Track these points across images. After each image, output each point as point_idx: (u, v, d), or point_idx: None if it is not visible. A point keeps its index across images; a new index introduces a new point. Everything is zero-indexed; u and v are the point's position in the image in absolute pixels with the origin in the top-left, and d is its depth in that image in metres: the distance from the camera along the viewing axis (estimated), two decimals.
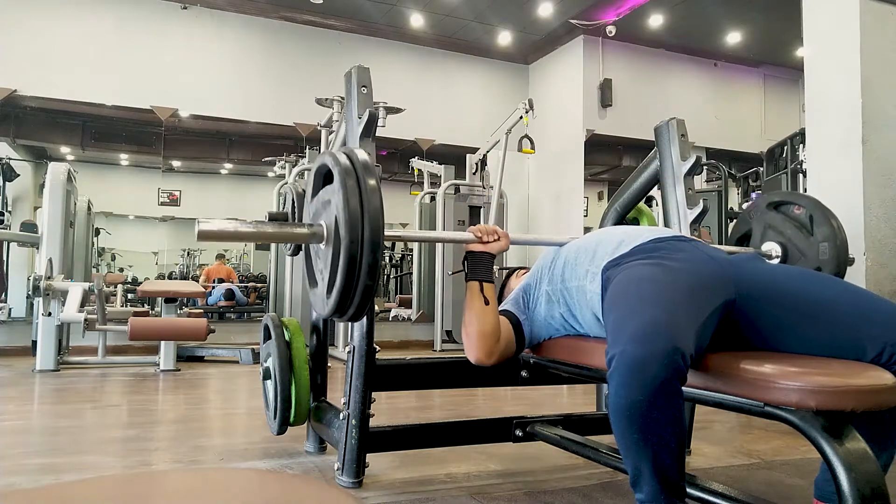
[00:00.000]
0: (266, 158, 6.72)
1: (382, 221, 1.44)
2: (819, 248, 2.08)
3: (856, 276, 2.71)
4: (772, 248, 2.20)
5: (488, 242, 1.66)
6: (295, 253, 2.35)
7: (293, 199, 2.30)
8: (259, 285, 8.06)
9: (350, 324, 1.89)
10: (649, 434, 1.11)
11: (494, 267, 1.74)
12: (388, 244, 8.92)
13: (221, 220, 1.46)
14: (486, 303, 1.61)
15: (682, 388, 1.14)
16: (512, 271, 2.04)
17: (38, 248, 4.60)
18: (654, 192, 2.74)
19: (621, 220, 2.75)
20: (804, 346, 1.29)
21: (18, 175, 6.61)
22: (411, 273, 7.13)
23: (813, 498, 1.36)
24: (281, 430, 2.17)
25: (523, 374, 2.02)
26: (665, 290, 1.27)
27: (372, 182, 1.44)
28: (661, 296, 1.25)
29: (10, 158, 6.50)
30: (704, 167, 6.46)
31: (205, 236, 1.41)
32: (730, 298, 1.33)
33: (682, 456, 1.15)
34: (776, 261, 2.18)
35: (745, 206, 5.76)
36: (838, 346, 1.25)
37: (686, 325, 1.18)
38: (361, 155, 1.51)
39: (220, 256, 8.26)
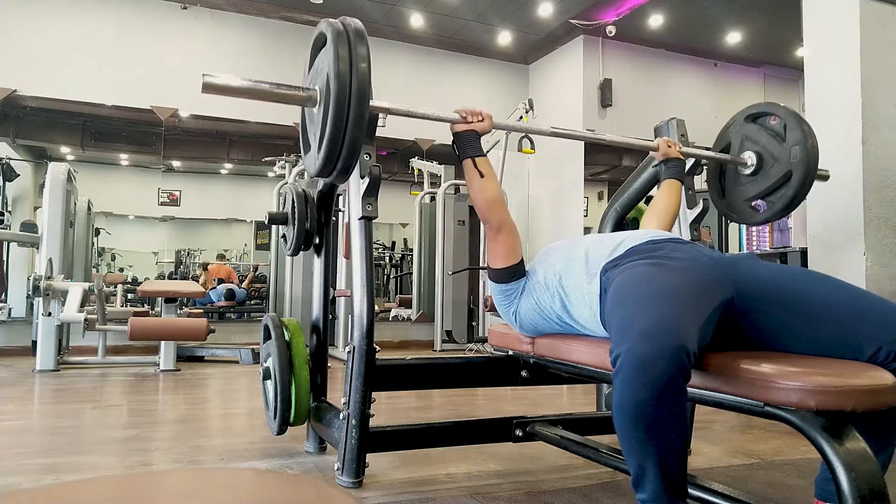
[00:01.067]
0: (266, 158, 6.72)
1: (369, 79, 1.58)
2: (791, 152, 2.13)
3: (856, 276, 2.71)
4: (748, 156, 2.25)
5: (472, 122, 1.79)
6: (295, 253, 2.36)
7: (293, 199, 2.30)
8: (259, 285, 8.06)
9: (350, 323, 1.89)
10: (654, 433, 1.10)
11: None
12: (388, 245, 8.92)
13: (226, 75, 1.61)
14: (482, 175, 1.74)
15: (687, 387, 1.14)
16: None
17: (37, 248, 4.60)
18: (654, 192, 2.74)
19: (621, 220, 2.75)
20: (802, 345, 1.30)
21: (18, 175, 6.62)
22: (411, 273, 7.13)
23: (814, 498, 1.36)
24: (281, 431, 2.17)
25: (523, 374, 2.03)
26: (668, 289, 1.27)
27: (362, 49, 1.60)
28: (664, 295, 1.25)
29: (10, 158, 6.50)
30: (704, 167, 6.46)
31: (210, 88, 1.56)
32: (728, 297, 1.33)
33: (685, 456, 1.15)
34: (751, 168, 2.23)
35: None
36: (836, 345, 1.25)
37: (690, 324, 1.19)
38: (355, 23, 1.66)
39: (220, 257, 8.26)
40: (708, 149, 2.42)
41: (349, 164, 1.64)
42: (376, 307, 2.30)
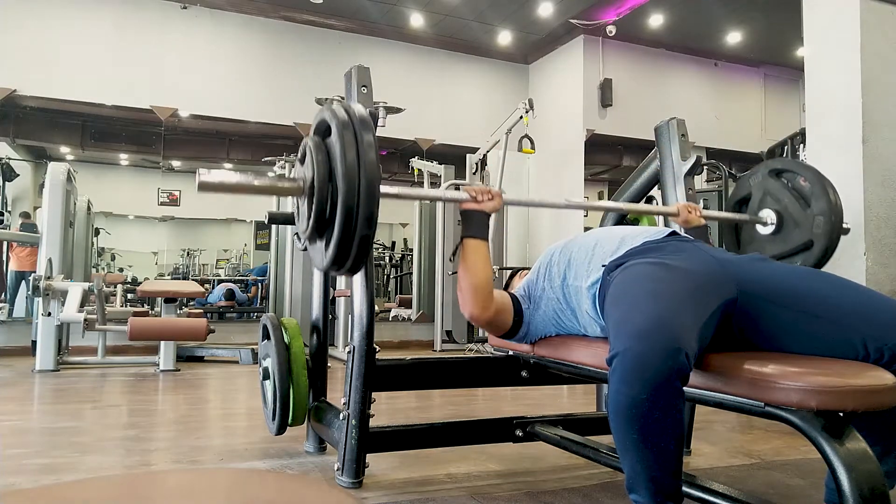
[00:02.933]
0: (266, 158, 6.71)
1: (379, 173, 1.47)
2: (814, 221, 2.08)
3: (856, 276, 2.71)
4: (768, 215, 2.20)
5: (482, 202, 1.71)
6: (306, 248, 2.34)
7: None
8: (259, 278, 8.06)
9: (350, 323, 1.89)
10: (649, 435, 1.10)
11: (495, 266, 1.76)
12: (388, 245, 8.92)
13: (221, 172, 1.52)
14: (480, 258, 1.67)
15: (684, 388, 1.13)
16: (515, 272, 2.05)
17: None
18: (655, 192, 2.74)
19: (621, 220, 2.75)
20: (804, 345, 1.29)
21: (18, 175, 6.62)
22: (411, 273, 7.13)
23: (824, 501, 1.35)
24: (280, 431, 2.17)
25: (523, 374, 2.03)
26: (668, 288, 1.26)
27: (369, 137, 1.48)
28: (663, 294, 1.24)
29: (9, 158, 6.50)
30: (705, 167, 6.44)
31: (205, 187, 1.47)
32: (731, 298, 1.33)
33: (680, 459, 1.14)
34: (770, 228, 2.18)
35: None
36: (838, 345, 1.25)
37: (689, 325, 1.18)
38: (359, 109, 1.53)
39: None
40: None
41: (360, 262, 1.53)
42: (376, 307, 2.30)
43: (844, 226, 2.17)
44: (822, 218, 2.05)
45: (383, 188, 1.59)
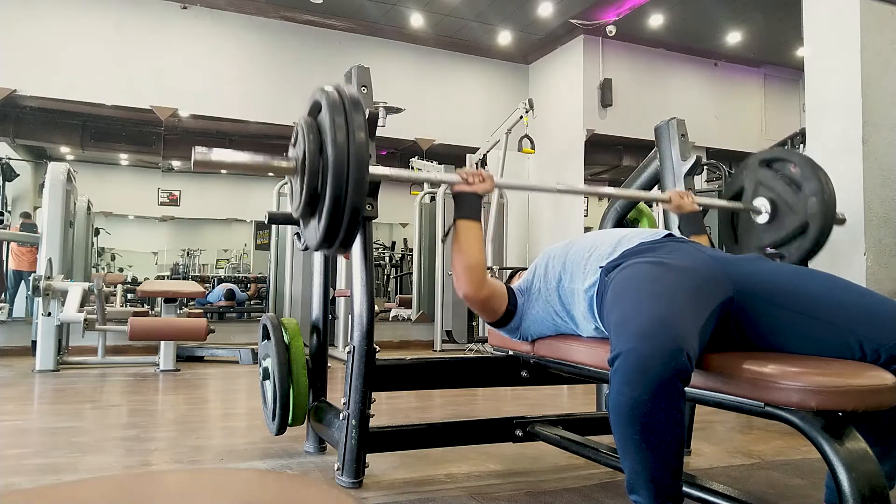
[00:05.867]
0: None
1: (367, 146, 1.51)
2: (807, 202, 2.09)
3: (856, 276, 2.71)
4: (762, 203, 2.21)
5: (474, 184, 1.74)
6: (308, 248, 2.34)
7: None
8: (259, 285, 8.06)
9: (350, 323, 1.89)
10: (650, 435, 1.10)
11: (494, 267, 1.76)
12: (388, 245, 8.92)
13: (217, 150, 1.56)
14: (473, 239, 1.69)
15: (685, 388, 1.13)
16: (515, 272, 2.05)
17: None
18: (655, 191, 2.73)
19: (621, 220, 2.75)
20: (803, 345, 1.29)
21: (18, 175, 6.62)
22: (411, 273, 7.13)
23: (817, 499, 1.35)
24: (279, 431, 2.17)
25: (523, 374, 2.02)
26: (668, 288, 1.26)
27: (359, 117, 1.52)
28: (663, 294, 1.24)
29: (10, 158, 6.50)
30: (705, 167, 6.43)
31: (200, 165, 1.51)
32: (728, 297, 1.33)
33: (681, 459, 1.14)
34: (765, 216, 2.19)
35: None
36: (836, 345, 1.25)
37: (690, 325, 1.18)
38: (350, 90, 1.57)
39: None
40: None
41: (351, 236, 1.56)
42: (376, 307, 2.30)
43: (840, 216, 2.18)
44: (815, 198, 2.07)
45: (375, 169, 1.63)
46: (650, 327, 1.14)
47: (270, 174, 6.90)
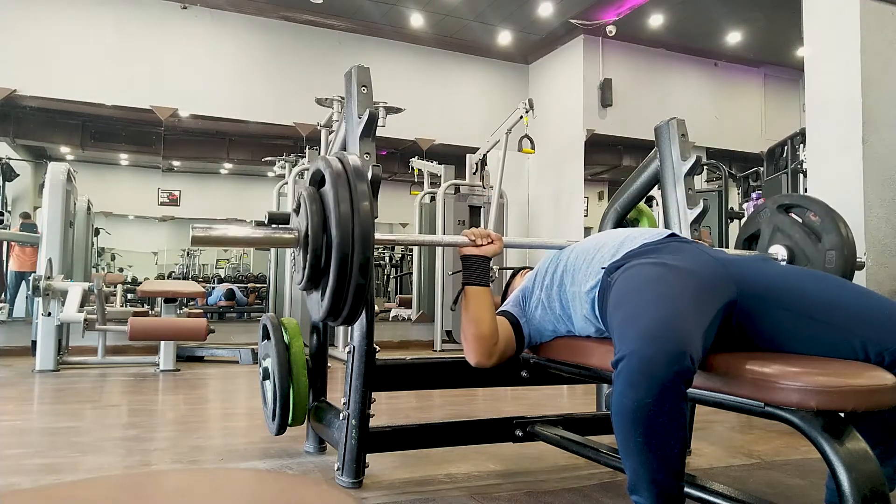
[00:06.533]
0: (266, 158, 6.72)
1: (372, 221, 1.46)
2: (826, 256, 2.05)
3: (856, 275, 2.71)
4: (778, 251, 2.19)
5: (482, 246, 1.68)
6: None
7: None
8: (259, 285, 8.06)
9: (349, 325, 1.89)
10: (653, 438, 1.09)
11: (494, 266, 1.75)
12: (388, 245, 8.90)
13: (217, 227, 1.55)
14: (483, 307, 1.62)
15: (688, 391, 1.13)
16: (517, 271, 2.04)
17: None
18: (655, 191, 2.73)
19: (621, 220, 2.74)
20: (805, 347, 1.29)
21: (18, 175, 6.62)
22: (411, 273, 7.13)
23: (817, 499, 1.35)
24: (279, 431, 2.17)
25: (523, 374, 2.02)
26: (671, 290, 1.26)
27: (363, 186, 1.46)
28: (668, 296, 1.24)
29: (10, 158, 6.50)
30: (705, 167, 6.46)
31: (198, 242, 1.50)
32: (731, 299, 1.32)
33: (683, 461, 1.13)
34: (782, 264, 2.17)
35: (745, 205, 5.76)
36: (838, 347, 1.25)
37: (694, 328, 1.17)
38: (353, 160, 1.52)
39: None
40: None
41: (355, 313, 1.52)
42: (376, 307, 2.30)
43: (859, 260, 2.13)
44: (835, 252, 2.03)
45: (378, 235, 1.57)
46: (654, 330, 1.14)
47: (270, 173, 6.91)
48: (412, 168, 6.83)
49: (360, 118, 1.94)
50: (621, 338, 1.19)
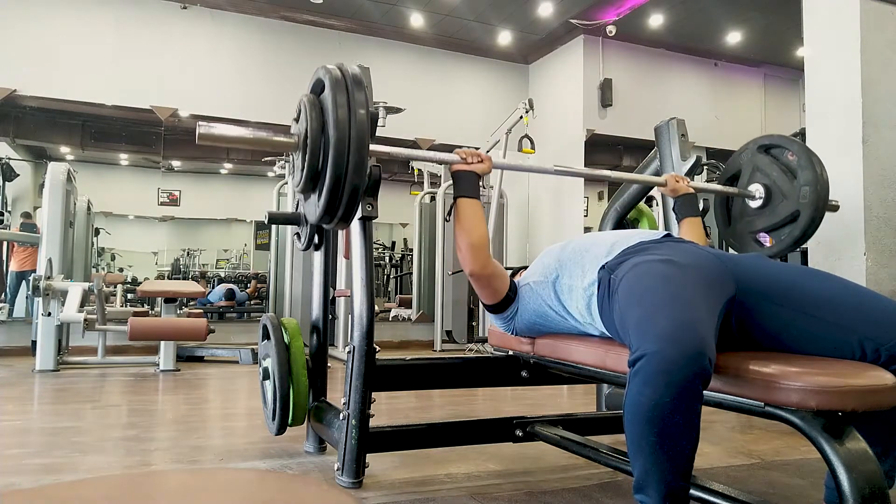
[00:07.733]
0: (266, 158, 6.72)
1: (368, 126, 1.55)
2: (800, 191, 2.12)
3: (856, 276, 2.71)
4: (756, 188, 2.24)
5: (473, 164, 1.78)
6: (307, 248, 2.34)
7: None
8: (259, 285, 8.06)
9: (350, 323, 1.89)
10: (667, 438, 1.09)
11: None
12: (388, 245, 8.91)
13: (221, 125, 1.69)
14: (475, 216, 1.72)
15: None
16: (516, 271, 2.05)
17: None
18: (655, 192, 2.74)
19: (621, 220, 2.75)
20: (801, 344, 1.29)
21: (18, 175, 6.62)
22: (411, 273, 7.13)
23: (823, 501, 1.35)
24: (280, 431, 2.17)
25: (523, 374, 2.03)
26: (684, 288, 1.25)
27: (360, 95, 1.55)
28: (682, 295, 1.23)
29: (9, 158, 6.50)
30: (705, 167, 6.43)
31: (205, 139, 1.67)
32: (731, 295, 1.33)
33: (692, 463, 1.13)
34: (759, 201, 2.23)
35: None
36: (836, 344, 1.25)
37: (710, 328, 1.17)
38: (353, 69, 1.61)
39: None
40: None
41: (350, 212, 1.61)
42: (376, 307, 2.30)
43: (833, 202, 2.20)
44: (808, 188, 2.10)
45: (374, 146, 1.65)
46: (674, 330, 1.13)
47: (270, 173, 6.90)
48: (412, 168, 6.83)
49: None
50: (641, 337, 1.17)
